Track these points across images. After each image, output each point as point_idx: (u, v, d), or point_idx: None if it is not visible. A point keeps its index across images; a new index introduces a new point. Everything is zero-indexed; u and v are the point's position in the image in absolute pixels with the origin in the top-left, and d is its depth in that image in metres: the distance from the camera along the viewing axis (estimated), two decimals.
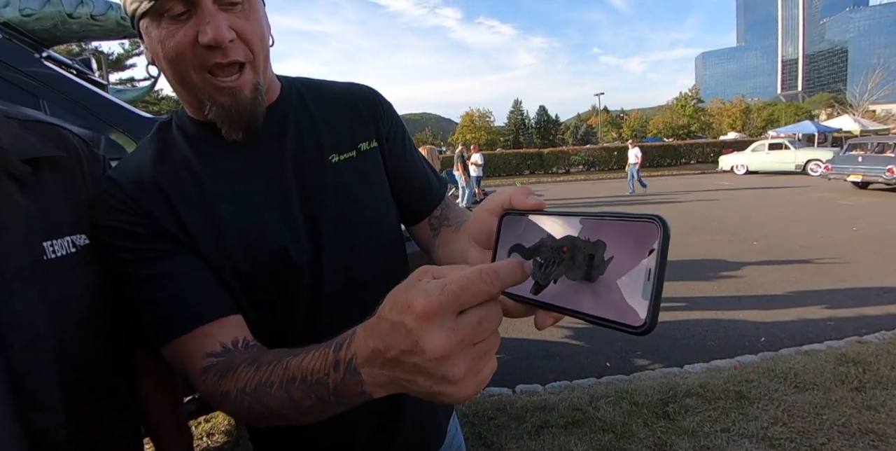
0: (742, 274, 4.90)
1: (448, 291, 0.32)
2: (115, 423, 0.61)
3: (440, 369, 0.33)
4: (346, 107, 0.74)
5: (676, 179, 18.18)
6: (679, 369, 2.90)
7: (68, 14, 2.09)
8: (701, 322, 3.70)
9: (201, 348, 0.56)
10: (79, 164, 0.63)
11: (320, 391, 0.43)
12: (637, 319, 0.32)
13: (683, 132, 53.09)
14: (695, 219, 8.25)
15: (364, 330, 0.39)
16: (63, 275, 0.54)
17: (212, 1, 0.56)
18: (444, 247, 0.73)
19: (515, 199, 0.42)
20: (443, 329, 0.32)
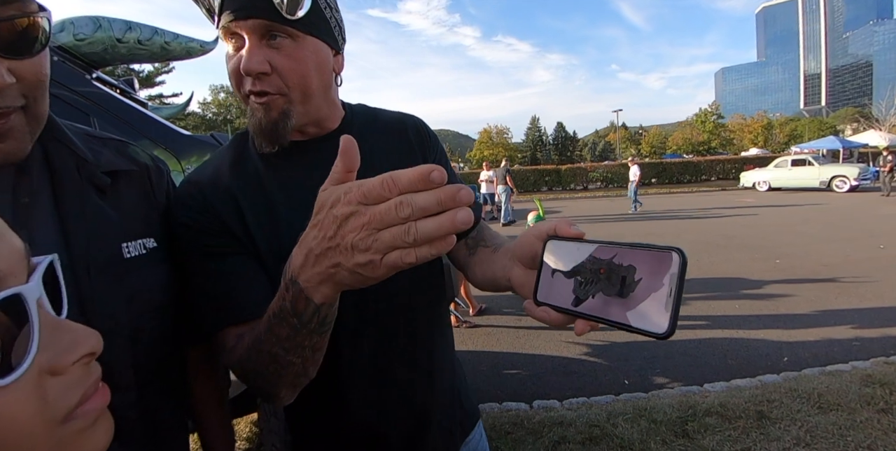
0: (764, 292, 4.83)
1: (358, 190, 0.42)
2: (173, 407, 0.68)
3: (357, 241, 0.41)
4: (397, 135, 0.83)
5: (697, 195, 17.96)
6: (699, 388, 2.87)
7: (118, 39, 2.25)
8: (721, 341, 3.65)
9: (233, 333, 0.65)
10: (147, 176, 0.71)
11: (287, 318, 0.51)
12: (661, 327, 0.41)
13: (704, 148, 52.49)
14: (715, 236, 8.15)
15: (295, 249, 0.48)
16: (137, 272, 0.62)
17: (258, 38, 0.63)
18: (483, 265, 0.79)
19: (560, 228, 0.51)
20: (358, 212, 0.41)
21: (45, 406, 0.27)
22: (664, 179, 24.71)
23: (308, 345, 0.54)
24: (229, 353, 0.64)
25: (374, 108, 0.87)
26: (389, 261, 0.41)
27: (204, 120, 37.04)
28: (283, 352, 0.55)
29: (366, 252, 0.41)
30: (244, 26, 0.63)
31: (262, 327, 0.56)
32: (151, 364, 0.62)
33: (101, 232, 0.59)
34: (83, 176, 0.61)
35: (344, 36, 0.75)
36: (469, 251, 0.85)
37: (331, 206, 0.43)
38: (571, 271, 0.49)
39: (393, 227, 0.40)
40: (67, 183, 0.59)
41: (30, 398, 0.27)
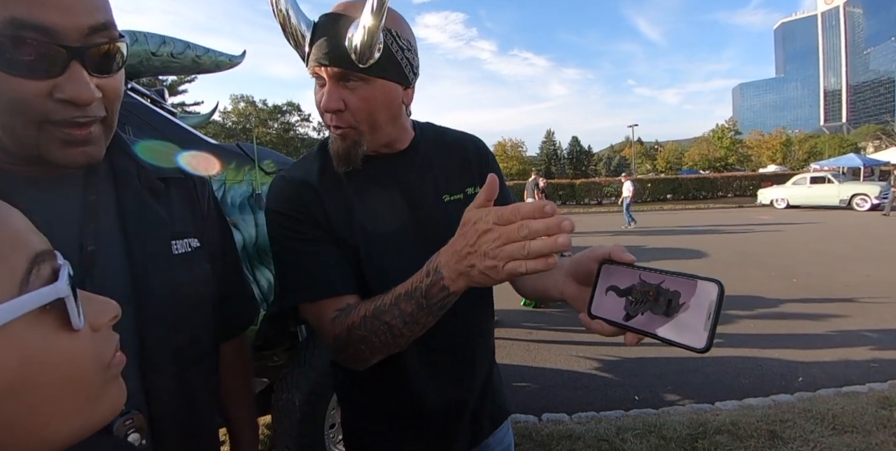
0: (780, 311, 4.76)
1: (497, 211, 0.57)
2: (207, 396, 0.74)
3: (490, 250, 0.56)
4: (459, 156, 0.93)
5: (713, 212, 17.78)
6: (710, 406, 2.85)
7: (152, 52, 2.36)
8: (735, 359, 3.61)
9: (333, 307, 0.77)
10: (193, 184, 0.78)
11: (417, 297, 0.64)
12: (700, 342, 0.51)
13: (720, 165, 51.93)
14: (731, 254, 8.06)
15: (445, 247, 0.63)
16: (182, 267, 0.68)
17: (335, 80, 0.75)
18: (531, 279, 0.87)
19: (614, 253, 0.61)
20: (493, 229, 0.56)
21: (97, 352, 0.35)
22: (680, 195, 24.51)
23: (423, 322, 0.67)
24: (333, 322, 0.76)
25: (440, 126, 0.97)
26: (509, 268, 0.55)
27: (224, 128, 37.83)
28: (402, 324, 0.67)
29: (493, 259, 0.56)
30: (325, 71, 0.74)
31: (387, 301, 0.69)
32: (190, 352, 0.68)
33: (155, 229, 0.66)
34: (141, 180, 0.68)
35: (416, 71, 0.84)
36: None
37: (474, 222, 0.59)
38: (623, 291, 0.59)
39: (514, 243, 0.55)
40: (128, 185, 0.66)
41: (89, 344, 0.34)
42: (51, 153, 0.56)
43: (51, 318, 0.31)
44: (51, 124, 0.54)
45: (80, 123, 0.55)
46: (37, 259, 0.31)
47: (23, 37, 0.50)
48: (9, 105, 0.52)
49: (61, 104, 0.53)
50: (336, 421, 2.04)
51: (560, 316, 4.92)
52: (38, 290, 0.30)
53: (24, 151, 0.56)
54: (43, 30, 0.50)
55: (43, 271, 0.31)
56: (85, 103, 0.54)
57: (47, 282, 0.31)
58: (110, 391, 0.37)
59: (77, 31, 0.53)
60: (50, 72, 0.52)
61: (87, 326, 0.34)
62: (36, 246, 0.32)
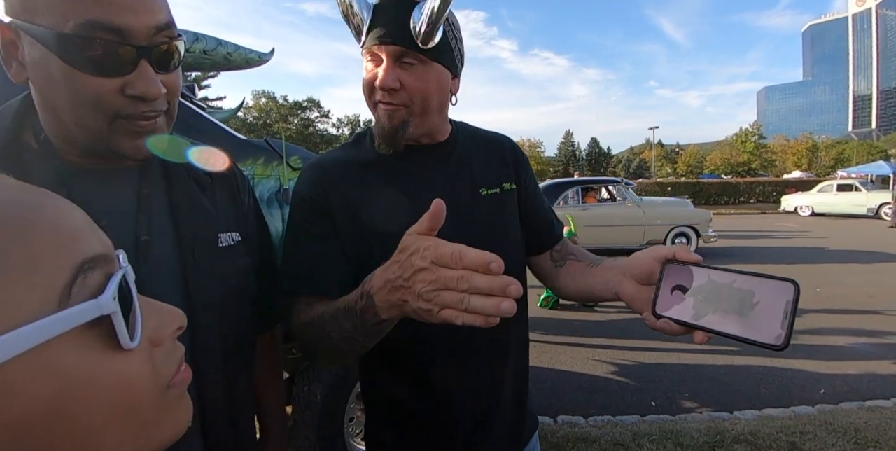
0: (803, 322, 4.64)
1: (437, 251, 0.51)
2: (247, 382, 0.78)
3: (423, 291, 0.50)
4: (495, 153, 0.94)
5: (734, 218, 17.47)
6: (728, 415, 2.81)
7: (186, 49, 2.41)
8: (755, 369, 3.55)
9: (305, 301, 0.77)
10: (236, 181, 0.82)
11: (352, 316, 0.62)
12: (778, 340, 0.51)
13: (743, 169, 50.93)
14: (753, 261, 7.92)
15: (379, 271, 0.58)
16: (227, 259, 0.72)
17: (393, 59, 0.76)
18: (577, 276, 0.89)
19: (680, 253, 0.61)
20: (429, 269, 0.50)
21: (154, 372, 0.31)
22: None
23: (362, 341, 0.65)
24: (295, 315, 0.77)
25: (474, 126, 0.98)
26: (443, 315, 0.50)
27: (245, 124, 38.36)
28: (340, 339, 0.67)
29: (427, 302, 0.51)
30: (385, 50, 0.75)
31: (330, 312, 0.68)
32: (234, 338, 0.71)
33: (203, 222, 0.70)
34: (190, 175, 0.72)
35: (463, 62, 0.86)
36: (555, 263, 0.95)
37: (411, 253, 0.53)
38: (691, 291, 0.58)
39: (452, 291, 0.49)
40: (178, 180, 0.70)
41: (145, 363, 0.30)
42: (121, 145, 0.59)
43: (96, 336, 0.27)
44: (122, 119, 0.57)
45: (148, 116, 0.59)
46: (84, 266, 0.27)
47: (97, 38, 0.53)
48: (85, 101, 0.55)
49: (131, 100, 0.57)
50: (355, 415, 2.06)
51: (576, 319, 4.89)
52: (77, 306, 0.25)
53: (95, 144, 0.59)
54: (116, 31, 0.54)
55: (91, 281, 0.27)
56: (153, 99, 0.58)
57: (95, 293, 0.27)
58: (172, 413, 0.33)
59: (145, 31, 0.56)
60: (122, 70, 0.56)
61: (146, 341, 0.31)
62: (87, 250, 0.28)
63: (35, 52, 0.54)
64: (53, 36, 0.52)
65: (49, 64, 0.54)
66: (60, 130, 0.59)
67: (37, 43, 0.53)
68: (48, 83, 0.56)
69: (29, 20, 0.53)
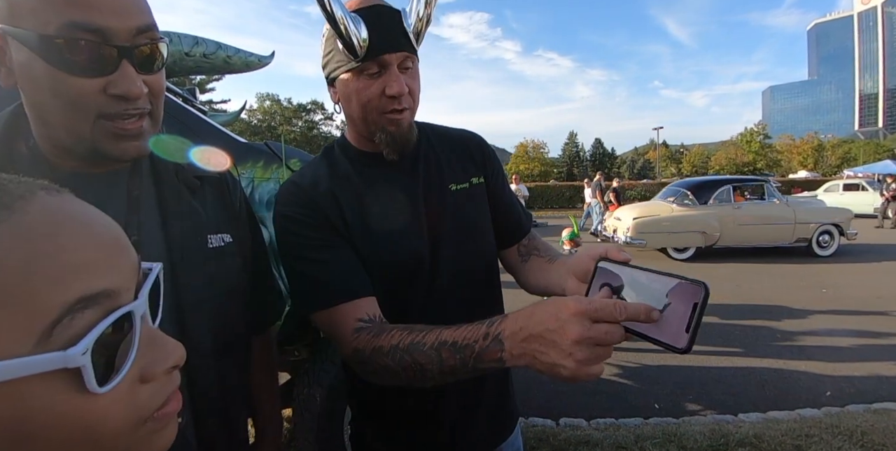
0: (808, 323, 4.62)
1: (593, 305, 0.50)
2: (240, 383, 0.78)
3: (570, 347, 0.49)
4: (461, 149, 0.96)
5: None
6: (732, 417, 2.79)
7: (185, 53, 2.42)
8: (759, 370, 3.52)
9: (353, 315, 0.75)
10: (226, 184, 0.82)
11: (465, 354, 0.59)
12: (680, 343, 0.49)
13: (748, 169, 50.65)
14: (759, 261, 7.86)
15: (514, 315, 0.57)
16: (217, 260, 0.72)
17: (398, 64, 0.79)
18: (536, 272, 0.91)
19: (610, 252, 0.62)
20: (582, 325, 0.49)
21: (132, 409, 0.30)
22: None
23: (460, 376, 0.63)
24: (355, 334, 0.73)
25: (439, 125, 1.00)
26: (591, 371, 0.51)
27: (249, 126, 38.53)
28: (437, 372, 0.63)
29: (578, 362, 0.50)
30: (391, 58, 0.78)
31: (428, 342, 0.63)
32: (226, 338, 0.72)
33: (192, 224, 0.70)
34: (179, 177, 0.72)
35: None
36: (521, 258, 0.97)
37: (555, 311, 0.52)
38: (616, 289, 0.58)
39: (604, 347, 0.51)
40: (167, 182, 0.71)
41: (122, 401, 0.29)
42: (105, 147, 0.60)
43: (65, 379, 0.26)
44: (104, 119, 0.58)
45: (130, 115, 0.59)
46: (77, 305, 0.26)
47: (80, 39, 0.54)
48: (68, 102, 0.56)
49: (113, 99, 0.57)
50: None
51: None
52: (43, 355, 0.25)
53: (79, 145, 0.60)
54: (97, 31, 0.54)
55: (80, 321, 0.26)
56: (135, 98, 0.59)
57: (77, 338, 0.26)
58: (147, 444, 0.32)
59: (126, 32, 0.57)
60: (103, 70, 0.56)
61: (133, 377, 0.30)
62: (88, 287, 0.27)
63: (21, 55, 0.55)
64: (36, 38, 0.53)
65: (33, 66, 0.55)
66: (48, 133, 0.60)
67: (22, 46, 0.54)
68: (34, 86, 0.57)
69: (14, 24, 0.54)
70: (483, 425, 0.92)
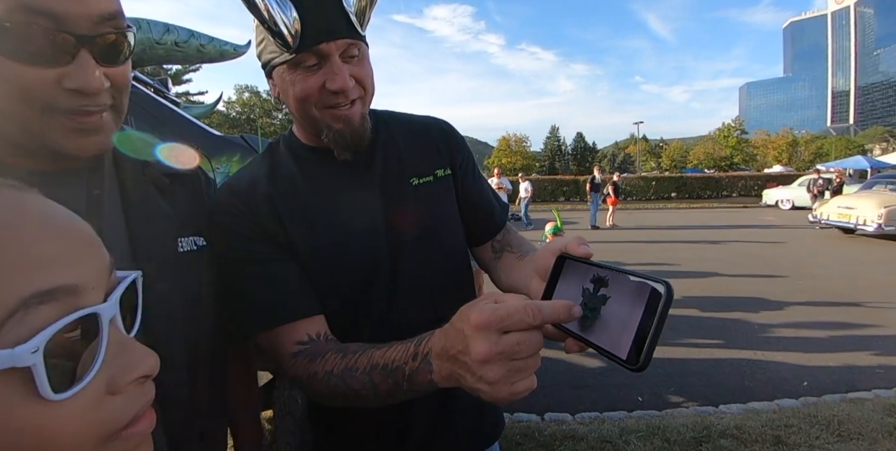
0: (784, 314, 4.73)
1: (497, 313, 0.42)
2: (217, 395, 0.73)
3: (479, 370, 0.43)
4: (425, 138, 0.86)
5: (717, 212, 17.70)
6: (714, 409, 2.83)
7: (156, 41, 2.32)
8: (738, 362, 3.58)
9: (292, 337, 0.68)
10: (199, 182, 0.76)
11: (397, 377, 0.54)
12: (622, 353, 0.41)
13: (725, 164, 51.66)
14: (734, 255, 8.02)
15: (440, 332, 0.50)
16: (189, 266, 0.66)
17: (340, 53, 0.68)
18: (507, 270, 0.82)
19: (570, 246, 0.53)
20: (487, 340, 0.42)
21: (97, 424, 0.27)
22: (684, 194, 24.41)
23: (399, 399, 0.57)
24: (293, 359, 0.67)
25: (400, 112, 0.91)
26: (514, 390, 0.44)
27: (228, 118, 37.78)
28: (372, 396, 0.58)
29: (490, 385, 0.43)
30: (330, 47, 0.67)
31: (360, 367, 0.58)
32: (200, 349, 0.67)
33: (160, 226, 0.64)
34: (146, 175, 0.66)
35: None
36: (495, 255, 0.89)
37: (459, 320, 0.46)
38: (568, 289, 0.51)
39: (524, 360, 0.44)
40: (133, 180, 0.65)
41: (86, 413, 0.26)
42: (59, 142, 0.54)
43: (16, 381, 0.24)
44: (57, 112, 0.52)
45: (89, 111, 0.54)
46: (31, 300, 0.24)
47: (31, 23, 0.48)
48: (14, 93, 0.50)
49: (69, 93, 0.52)
50: None
51: None
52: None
53: (29, 140, 0.54)
54: (52, 16, 0.49)
55: (35, 317, 0.24)
56: (93, 92, 0.53)
57: (30, 333, 0.24)
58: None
59: (86, 18, 0.51)
60: (58, 60, 0.50)
61: (98, 387, 0.27)
62: (46, 281, 0.25)
63: None
64: None
65: None
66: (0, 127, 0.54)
67: None
68: None
69: None
70: (456, 437, 0.84)
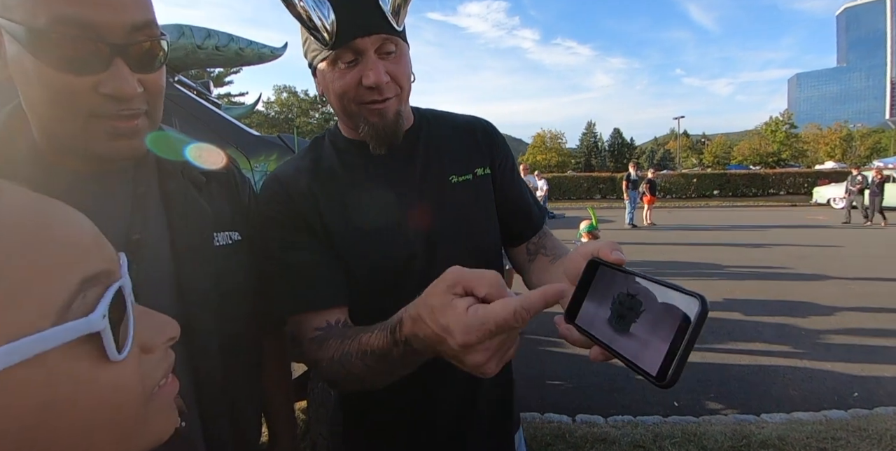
0: (835, 320, 4.48)
1: (486, 330, 0.43)
2: (251, 382, 0.76)
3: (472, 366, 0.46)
4: (466, 136, 0.88)
5: (763, 211, 16.94)
6: (755, 418, 2.71)
7: (197, 45, 2.41)
8: (783, 369, 3.42)
9: (313, 324, 0.72)
10: (234, 180, 0.80)
11: (389, 360, 0.57)
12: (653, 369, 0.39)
13: (773, 160, 49.35)
14: (781, 256, 7.65)
15: (410, 321, 0.51)
16: (224, 258, 0.70)
17: (374, 51, 0.71)
18: (539, 273, 0.83)
19: (602, 251, 0.51)
20: (479, 352, 0.45)
21: (140, 381, 0.31)
22: (727, 192, 23.46)
23: (397, 374, 0.61)
24: (311, 343, 0.72)
25: (443, 111, 0.93)
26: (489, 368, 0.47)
27: (267, 118, 38.84)
28: (370, 377, 0.62)
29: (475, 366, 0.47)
30: (365, 43, 0.70)
31: (353, 352, 0.62)
32: (234, 338, 0.70)
33: (197, 221, 0.69)
34: (185, 174, 0.71)
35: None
36: (529, 256, 0.90)
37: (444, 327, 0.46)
38: (598, 296, 0.49)
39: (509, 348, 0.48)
40: (173, 179, 0.69)
41: (134, 370, 0.31)
42: (98, 146, 0.57)
43: (86, 349, 0.28)
44: (95, 117, 0.56)
45: (125, 116, 0.57)
46: (85, 284, 0.28)
47: (68, 34, 0.51)
48: (57, 100, 0.54)
49: (105, 98, 0.55)
50: None
51: None
52: (68, 323, 0.26)
53: (74, 144, 0.57)
54: (88, 27, 0.52)
55: (90, 297, 0.28)
56: (127, 98, 0.56)
57: (88, 310, 0.28)
58: (154, 422, 0.33)
59: (120, 28, 0.54)
60: (94, 67, 0.54)
61: (136, 348, 0.31)
62: (90, 267, 0.29)
63: (12, 48, 0.53)
64: (25, 32, 0.51)
65: (23, 61, 0.53)
66: (44, 130, 0.58)
67: (13, 40, 0.52)
68: (24, 81, 0.55)
69: (6, 16, 0.52)
70: (481, 430, 0.87)
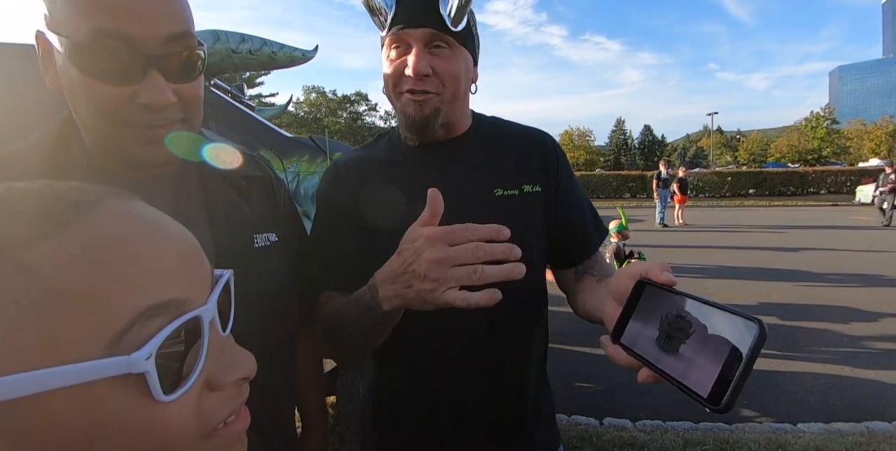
0: (879, 327, 4.27)
1: (444, 229, 0.55)
2: (287, 379, 0.79)
3: (428, 270, 0.54)
4: (522, 149, 0.87)
5: (802, 210, 16.28)
6: (791, 427, 2.62)
7: (232, 50, 2.48)
8: (822, 377, 3.29)
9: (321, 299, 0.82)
10: (272, 184, 0.83)
11: (361, 307, 0.66)
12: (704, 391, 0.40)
13: (813, 157, 47.32)
14: (821, 258, 7.35)
15: (385, 265, 0.62)
16: (264, 260, 0.73)
17: (423, 44, 0.73)
18: (586, 293, 0.82)
19: (652, 272, 0.51)
20: (436, 248, 0.54)
21: (195, 420, 0.29)
22: (764, 191, 22.67)
23: (370, 331, 0.68)
24: (320, 306, 0.81)
25: (505, 120, 0.93)
26: (447, 297, 0.54)
27: (296, 118, 39.59)
28: (351, 330, 0.70)
29: (434, 282, 0.54)
30: (414, 34, 0.73)
31: (346, 302, 0.72)
32: (274, 338, 0.73)
33: (238, 224, 0.71)
34: (226, 179, 0.73)
35: (479, 54, 0.86)
36: (577, 277, 0.88)
37: (413, 240, 0.58)
38: (648, 318, 0.49)
39: (464, 266, 0.54)
40: (214, 184, 0.72)
41: (190, 407, 0.29)
42: (133, 152, 0.60)
43: (134, 383, 0.26)
44: (132, 126, 0.58)
45: (159, 124, 0.59)
46: (147, 313, 0.26)
47: (107, 46, 0.54)
48: (97, 108, 0.57)
49: (141, 108, 0.57)
50: None
51: None
52: (108, 359, 0.25)
53: (116, 151, 0.60)
54: (124, 39, 0.54)
55: (147, 330, 0.26)
56: (161, 108, 0.58)
57: (140, 345, 0.26)
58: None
59: (156, 39, 0.56)
60: (130, 78, 0.56)
61: (200, 385, 0.29)
62: (159, 294, 0.27)
63: (59, 59, 0.56)
64: (68, 44, 0.53)
65: (69, 71, 0.55)
66: (90, 138, 0.61)
67: (60, 51, 0.55)
68: (71, 91, 0.57)
69: (54, 30, 0.55)
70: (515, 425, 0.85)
